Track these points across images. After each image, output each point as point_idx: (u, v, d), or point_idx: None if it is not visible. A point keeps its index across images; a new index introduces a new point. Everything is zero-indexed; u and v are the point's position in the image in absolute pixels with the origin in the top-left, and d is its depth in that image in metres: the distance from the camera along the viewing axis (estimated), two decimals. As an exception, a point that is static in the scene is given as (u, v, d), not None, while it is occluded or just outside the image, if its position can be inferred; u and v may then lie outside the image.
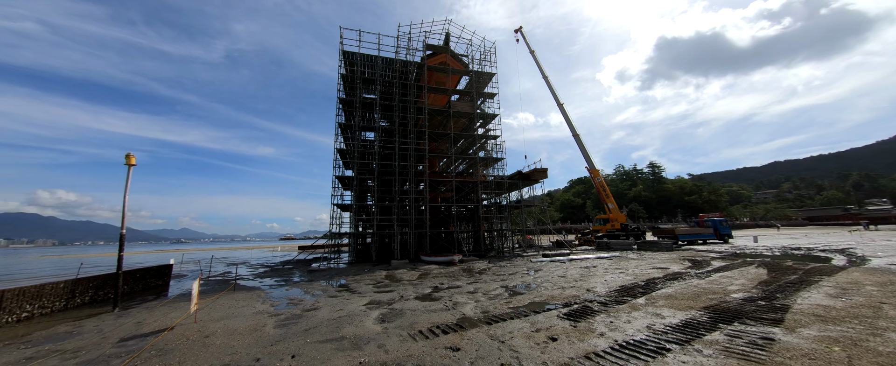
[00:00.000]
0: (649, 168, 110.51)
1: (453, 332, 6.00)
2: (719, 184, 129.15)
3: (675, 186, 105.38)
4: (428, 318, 7.11)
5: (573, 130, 35.49)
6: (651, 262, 16.62)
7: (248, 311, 8.46)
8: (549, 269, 15.10)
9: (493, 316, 7.05)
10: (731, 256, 18.73)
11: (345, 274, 16.13)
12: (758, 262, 15.21)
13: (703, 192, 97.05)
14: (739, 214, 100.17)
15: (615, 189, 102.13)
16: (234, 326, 6.96)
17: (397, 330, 6.25)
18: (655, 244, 24.08)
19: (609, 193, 32.91)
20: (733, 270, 13.03)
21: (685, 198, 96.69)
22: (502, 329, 6.07)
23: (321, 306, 8.85)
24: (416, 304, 8.61)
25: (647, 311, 7.06)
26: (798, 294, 8.29)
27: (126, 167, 10.26)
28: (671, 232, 31.61)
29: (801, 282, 9.97)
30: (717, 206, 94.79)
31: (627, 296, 8.67)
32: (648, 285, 10.30)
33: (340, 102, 25.18)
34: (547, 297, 8.92)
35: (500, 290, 10.22)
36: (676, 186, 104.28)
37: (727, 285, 9.72)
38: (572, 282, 11.26)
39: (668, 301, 7.90)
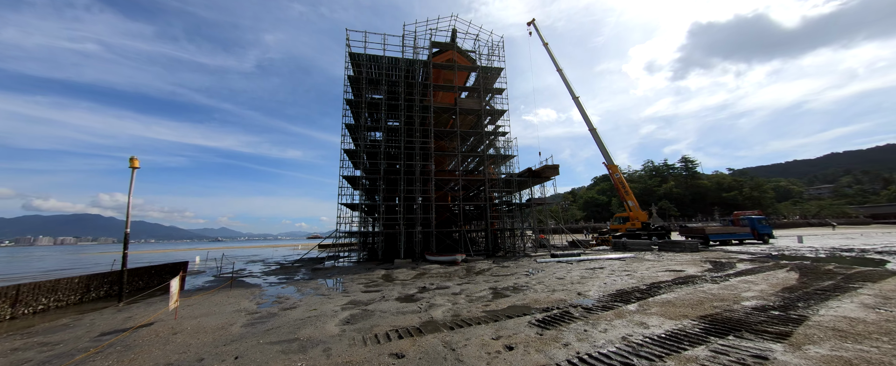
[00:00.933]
0: (681, 163, 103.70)
1: (409, 337, 5.69)
2: (764, 179, 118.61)
3: (712, 181, 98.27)
4: (393, 320, 6.85)
5: (590, 125, 33.84)
6: (667, 264, 15.34)
7: (230, 309, 8.63)
8: (552, 270, 14.35)
9: (461, 320, 6.66)
10: (764, 258, 16.93)
11: (346, 273, 16.26)
12: (792, 265, 13.58)
13: (743, 188, 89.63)
14: (787, 211, 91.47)
15: (643, 186, 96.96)
16: (206, 323, 7.08)
17: (354, 333, 6.03)
18: (679, 245, 22.34)
19: (628, 190, 31.05)
20: (758, 274, 11.67)
21: (723, 195, 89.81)
22: (462, 335, 5.67)
23: (301, 305, 8.85)
24: (393, 305, 8.37)
25: (633, 319, 6.36)
26: (825, 303, 7.17)
27: (130, 170, 10.87)
28: (701, 231, 29.31)
29: (836, 289, 8.68)
30: (761, 203, 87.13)
31: (619, 302, 7.92)
32: (650, 289, 9.41)
33: (347, 103, 25.55)
34: (531, 301, 8.36)
35: (485, 292, 9.76)
36: (713, 182, 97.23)
37: (742, 292, 8.65)
38: (568, 285, 10.55)
39: (662, 308, 7.11)
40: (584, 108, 34.50)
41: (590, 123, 33.92)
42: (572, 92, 35.17)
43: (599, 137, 33.35)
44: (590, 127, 33.92)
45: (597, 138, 33.46)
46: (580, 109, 34.61)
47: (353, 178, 24.72)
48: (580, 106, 34.61)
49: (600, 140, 33.32)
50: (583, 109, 34.52)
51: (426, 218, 24.26)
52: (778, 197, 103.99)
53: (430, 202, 24.68)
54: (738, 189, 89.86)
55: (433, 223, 24.02)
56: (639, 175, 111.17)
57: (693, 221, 78.41)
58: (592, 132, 33.69)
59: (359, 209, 25.80)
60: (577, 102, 34.76)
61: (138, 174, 11.15)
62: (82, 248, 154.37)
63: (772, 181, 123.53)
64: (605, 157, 32.73)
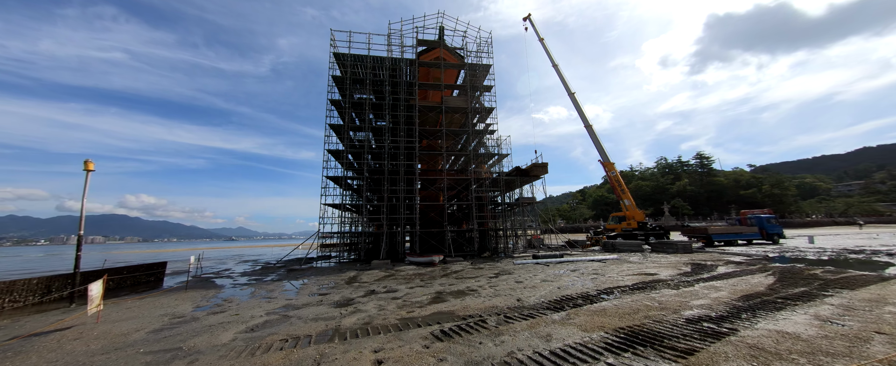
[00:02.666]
0: (696, 160, 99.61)
1: (291, 348, 5.40)
2: (787, 175, 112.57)
3: (729, 179, 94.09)
4: (300, 329, 6.58)
5: (585, 121, 32.82)
6: (646, 266, 14.52)
7: (160, 312, 8.59)
8: (521, 272, 13.80)
9: (367, 329, 6.32)
10: (757, 260, 15.83)
11: (320, 274, 16.19)
12: (778, 269, 12.57)
13: (762, 185, 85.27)
14: (812, 209, 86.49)
15: (655, 184, 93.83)
16: (115, 329, 7.02)
17: (243, 343, 5.79)
18: (672, 245, 21.25)
19: (625, 189, 29.88)
20: (732, 278, 10.81)
21: (740, 192, 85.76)
22: (347, 346, 5.34)
23: (232, 309, 8.73)
24: (319, 311, 8.12)
25: (542, 331, 5.86)
26: (775, 314, 6.45)
27: (85, 172, 11.07)
28: (703, 231, 27.95)
29: (803, 297, 7.86)
30: (782, 201, 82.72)
31: (550, 310, 7.39)
32: (599, 295, 8.79)
33: (332, 104, 25.55)
34: (461, 307, 7.94)
35: (427, 297, 9.38)
36: (730, 180, 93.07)
37: (694, 299, 7.95)
38: (519, 290, 10.04)
39: (588, 317, 6.55)
40: (581, 104, 33.49)
41: (585, 119, 32.91)
42: (568, 88, 34.21)
43: (595, 134, 32.29)
44: (585, 124, 32.90)
45: (592, 135, 32.41)
46: (576, 105, 33.62)
47: (338, 178, 24.71)
48: (576, 102, 33.62)
49: (596, 137, 32.25)
50: (578, 105, 33.52)
51: (410, 218, 24.00)
52: (803, 194, 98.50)
53: (413, 202, 24.41)
54: (756, 186, 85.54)
55: (417, 224, 23.74)
56: (651, 173, 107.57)
57: (708, 220, 75.22)
58: (588, 129, 32.66)
59: (342, 209, 25.79)
60: (573, 99, 33.77)
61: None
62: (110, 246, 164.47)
63: (797, 178, 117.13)
64: (601, 154, 31.64)
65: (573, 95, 33.66)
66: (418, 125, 26.25)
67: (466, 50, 28.83)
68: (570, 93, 33.84)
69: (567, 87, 34.19)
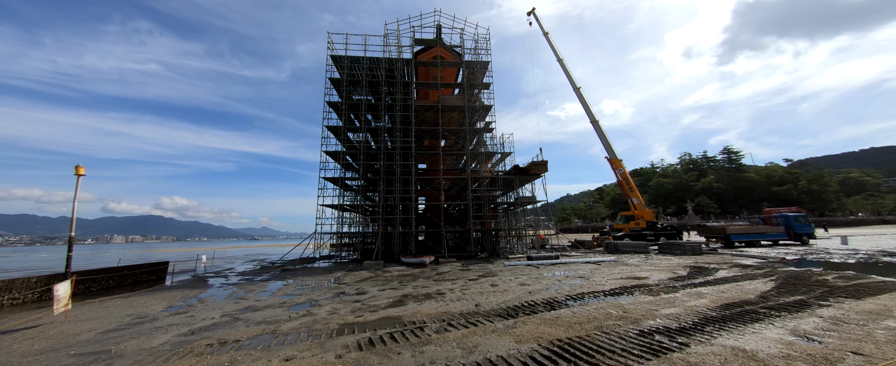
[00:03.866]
0: (724, 155, 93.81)
1: (206, 355, 5.32)
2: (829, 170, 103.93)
3: (761, 174, 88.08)
4: (233, 333, 6.53)
5: (591, 117, 31.58)
6: (641, 269, 13.63)
7: (128, 312, 8.85)
8: (505, 275, 13.31)
9: (291, 336, 6.17)
10: (774, 263, 14.55)
11: (310, 274, 16.37)
12: (784, 273, 11.42)
13: (799, 180, 79.06)
14: (858, 206, 79.38)
15: (678, 181, 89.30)
16: (73, 329, 7.25)
17: (168, 347, 5.79)
18: (679, 247, 19.96)
19: (634, 187, 28.44)
20: (728, 283, 9.89)
21: (773, 189, 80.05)
22: (259, 354, 5.20)
23: (192, 310, 8.87)
24: (271, 313, 8.08)
25: (473, 341, 5.47)
26: (748, 327, 5.74)
27: (75, 177, 11.67)
28: (721, 231, 26.22)
29: (794, 306, 7.01)
30: (822, 197, 76.40)
31: (501, 316, 6.96)
32: (566, 300, 8.23)
33: (330, 105, 25.85)
34: (412, 313, 7.65)
35: (387, 301, 9.15)
36: (762, 175, 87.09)
37: (667, 308, 7.27)
38: (489, 293, 9.61)
39: (534, 327, 6.08)
40: (586, 99, 32.25)
41: (592, 115, 31.66)
42: (573, 83, 33.06)
43: (602, 130, 30.99)
44: (592, 119, 31.66)
45: (599, 131, 31.12)
46: (582, 100, 32.43)
47: (335, 179, 24.97)
48: (582, 98, 32.42)
49: (603, 133, 30.95)
50: (584, 100, 32.31)
51: (406, 218, 23.90)
52: (847, 190, 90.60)
53: (410, 203, 24.29)
54: (792, 182, 79.43)
55: (413, 224, 23.61)
56: (673, 169, 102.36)
57: (736, 219, 70.64)
58: (594, 125, 31.41)
59: (340, 209, 26.04)
60: (579, 94, 32.59)
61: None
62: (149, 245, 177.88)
63: (840, 172, 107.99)
64: (608, 151, 30.33)
65: (578, 90, 32.47)
66: (418, 125, 26.13)
67: (464, 48, 28.40)
68: (576, 88, 32.67)
69: (572, 82, 33.05)
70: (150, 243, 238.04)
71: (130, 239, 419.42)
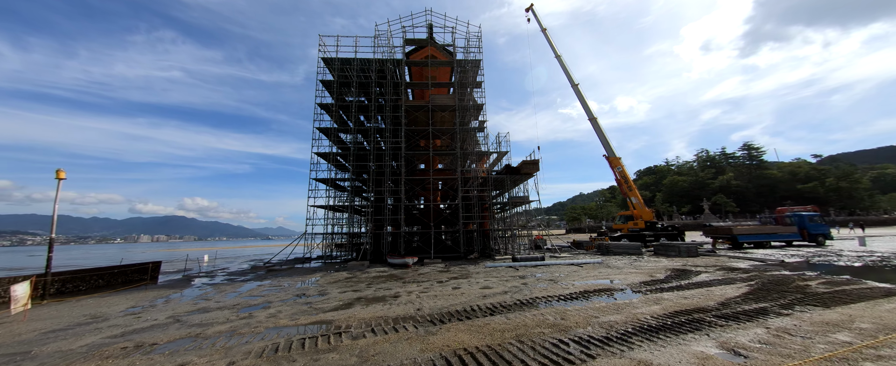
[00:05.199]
0: (744, 151, 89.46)
1: (111, 358, 5.37)
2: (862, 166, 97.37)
3: (784, 171, 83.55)
4: (157, 336, 6.58)
5: (589, 114, 30.69)
6: (625, 271, 13.07)
7: (87, 312, 9.12)
8: (476, 277, 13.03)
9: (209, 341, 6.17)
10: (770, 265, 13.65)
11: (289, 275, 16.58)
12: (765, 278, 10.67)
13: (826, 177, 74.46)
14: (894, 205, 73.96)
15: (694, 179, 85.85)
16: (22, 328, 7.51)
17: (86, 349, 5.88)
18: (674, 248, 19.08)
19: (632, 186, 27.43)
20: (697, 288, 9.30)
21: (798, 186, 75.74)
22: (158, 359, 5.20)
23: (147, 312, 9.05)
24: (211, 316, 8.14)
25: (380, 348, 5.29)
26: (678, 338, 5.32)
27: (57, 181, 12.18)
28: (728, 232, 24.99)
29: (749, 315, 6.48)
30: (852, 195, 71.71)
31: (432, 322, 6.74)
32: (513, 305, 7.91)
33: (322, 107, 26.13)
34: (347, 317, 7.52)
35: (338, 303, 9.07)
36: (785, 172, 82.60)
37: (611, 315, 6.86)
38: (444, 297, 9.40)
39: (454, 334, 5.83)
40: (585, 96, 31.37)
41: (590, 112, 30.77)
42: (571, 79, 32.26)
43: (600, 128, 30.07)
44: (590, 116, 30.76)
45: (597, 128, 30.20)
46: (580, 97, 31.58)
47: (325, 180, 25.21)
48: (580, 94, 31.57)
49: (601, 131, 30.02)
50: (582, 97, 31.45)
51: (395, 219, 23.88)
52: (882, 187, 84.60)
53: (399, 203, 24.26)
54: (818, 179, 74.89)
55: (402, 224, 23.57)
56: (689, 167, 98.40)
57: (758, 217, 67.17)
58: (592, 122, 30.51)
59: (332, 210, 26.28)
60: (577, 90, 31.76)
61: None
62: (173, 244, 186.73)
63: (875, 168, 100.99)
64: (606, 149, 29.37)
65: (576, 86, 31.64)
66: (413, 125, 26.06)
67: (456, 47, 28.13)
68: (574, 84, 31.85)
69: (570, 78, 32.23)
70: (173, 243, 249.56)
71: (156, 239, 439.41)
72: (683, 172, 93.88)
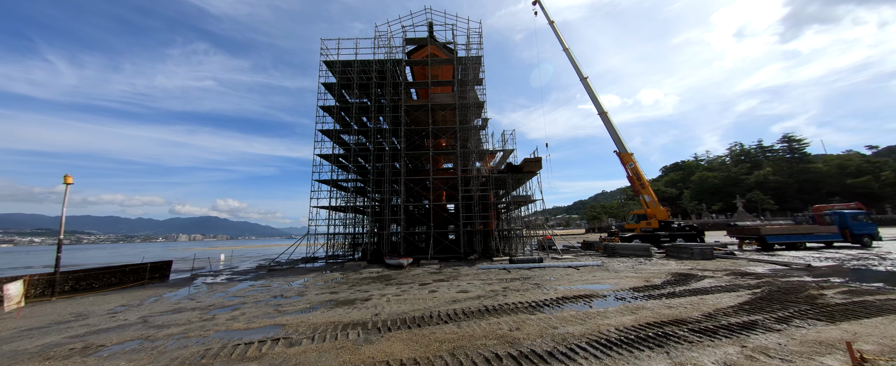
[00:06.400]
0: (783, 143, 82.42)
1: (57, 359, 5.48)
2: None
3: (831, 164, 76.24)
4: (113, 338, 6.72)
5: (599, 108, 29.26)
6: (621, 275, 12.19)
7: (79, 310, 9.59)
8: (468, 279, 12.60)
9: (155, 343, 6.19)
10: (793, 270, 12.29)
11: (286, 274, 16.89)
12: (776, 286, 9.51)
13: (882, 171, 67.05)
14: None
15: (725, 175, 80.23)
16: (7, 325, 7.97)
17: (40, 348, 6.07)
18: (687, 250, 17.68)
19: (646, 184, 25.81)
20: (694, 296, 8.41)
21: (848, 181, 68.75)
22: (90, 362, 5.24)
23: (128, 310, 9.39)
24: (174, 317, 8.27)
25: (299, 360, 5.06)
26: (634, 355, 4.71)
27: (65, 185, 13.01)
28: (755, 232, 23.04)
29: (731, 329, 5.69)
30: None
31: (380, 330, 6.44)
32: (478, 312, 7.46)
33: (324, 110, 26.53)
34: (300, 322, 7.38)
35: (306, 305, 8.99)
36: (832, 166, 75.37)
37: (574, 326, 6.27)
38: (413, 300, 9.09)
39: (391, 344, 5.50)
40: (594, 89, 29.94)
41: (600, 106, 29.34)
42: (580, 73, 30.91)
43: (611, 123, 28.58)
44: (599, 111, 29.34)
45: (608, 123, 28.73)
46: (589, 91, 30.19)
47: (327, 181, 25.56)
48: (589, 88, 30.18)
49: (612, 125, 28.54)
50: (592, 91, 30.04)
51: (394, 219, 23.83)
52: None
53: (402, 204, 24.18)
54: (872, 173, 67.60)
55: (402, 224, 23.47)
56: (721, 161, 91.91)
57: (792, 216, 61.68)
58: (602, 116, 29.06)
59: (335, 210, 26.61)
60: (586, 84, 30.38)
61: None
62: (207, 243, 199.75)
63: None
64: (617, 144, 27.86)
65: (585, 79, 30.26)
66: (416, 125, 25.95)
67: (456, 44, 27.66)
68: (582, 78, 30.48)
69: (579, 72, 30.88)
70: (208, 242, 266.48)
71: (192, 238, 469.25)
72: (714, 167, 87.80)
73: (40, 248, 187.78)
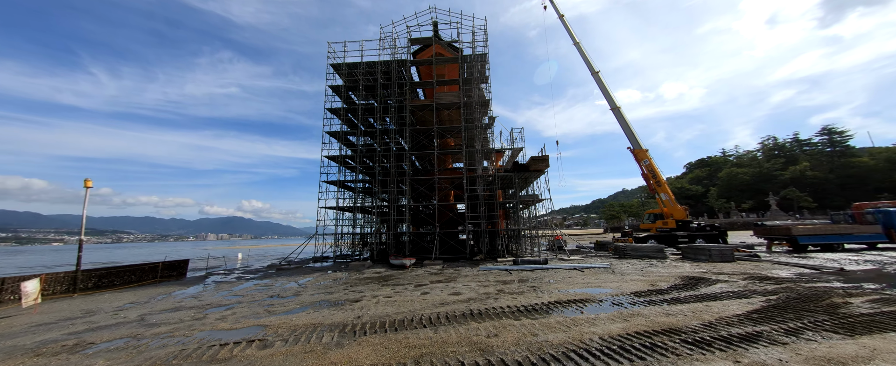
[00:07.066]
0: (822, 136, 76.45)
1: (44, 356, 5.72)
2: None
3: (879, 158, 70.03)
4: (103, 336, 6.97)
5: (612, 103, 28.15)
6: (627, 278, 11.58)
7: (91, 307, 10.10)
8: (465, 281, 12.38)
9: (141, 342, 6.35)
10: (828, 274, 11.33)
11: (292, 274, 17.24)
12: (797, 293, 8.68)
13: (938, 164, 60.84)
14: None
15: (757, 172, 75.44)
16: (19, 321, 8.47)
17: (34, 345, 6.37)
18: (704, 252, 16.62)
19: (662, 181, 24.54)
20: (698, 302, 7.82)
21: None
22: (72, 359, 5.42)
23: (128, 311, 9.79)
24: (165, 316, 8.52)
25: (267, 364, 5.01)
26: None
27: (85, 189, 13.81)
28: (785, 232, 21.49)
29: (726, 341, 5.19)
30: (978, 185, 57.74)
31: (356, 333, 6.33)
32: (460, 317, 7.22)
33: (331, 112, 26.94)
34: (281, 324, 7.40)
35: (294, 307, 9.05)
36: (881, 159, 69.18)
37: (555, 335, 5.92)
38: (401, 303, 8.96)
39: (362, 348, 5.36)
40: (606, 84, 28.80)
41: (612, 101, 28.23)
42: (592, 67, 29.88)
43: (624, 118, 27.42)
44: (612, 106, 28.22)
45: (621, 118, 27.58)
46: (601, 85, 29.10)
47: (334, 182, 25.91)
48: (600, 82, 29.10)
49: (626, 121, 27.37)
50: (604, 85, 28.94)
51: (399, 219, 23.85)
52: None
53: (410, 204, 24.18)
54: (927, 167, 61.46)
55: (408, 225, 23.47)
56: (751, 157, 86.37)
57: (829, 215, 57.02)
58: (615, 112, 27.94)
59: (340, 210, 26.94)
60: (597, 78, 29.31)
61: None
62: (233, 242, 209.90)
63: None
64: (631, 141, 26.67)
65: (597, 74, 29.19)
66: (421, 125, 25.90)
67: (461, 42, 27.36)
68: (594, 72, 29.43)
69: (590, 66, 29.85)
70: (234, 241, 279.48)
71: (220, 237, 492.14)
72: (744, 163, 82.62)
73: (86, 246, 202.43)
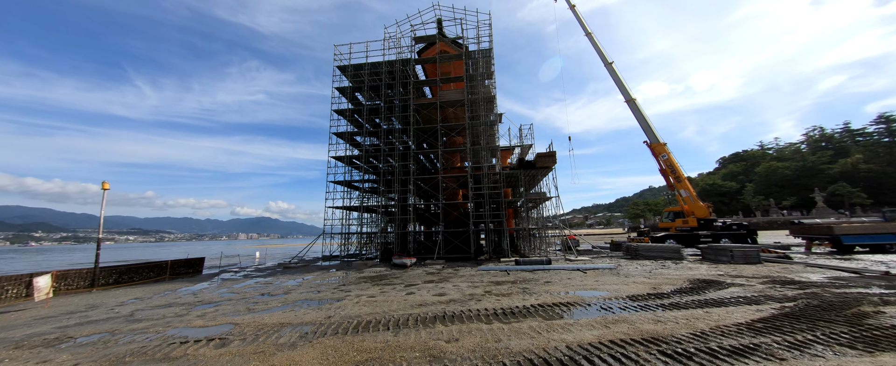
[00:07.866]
0: (879, 125, 68.94)
1: (24, 348, 5.96)
2: None
3: (948, 148, 62.21)
4: (87, 330, 7.22)
5: (627, 95, 26.70)
6: (631, 281, 10.79)
7: (97, 302, 10.67)
8: (456, 282, 12.03)
9: (118, 337, 6.51)
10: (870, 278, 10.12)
11: (296, 272, 17.59)
12: (821, 299, 7.64)
13: None
14: None
15: (800, 165, 69.28)
16: (27, 314, 9.03)
17: (23, 337, 6.69)
18: (726, 252, 15.26)
19: (682, 177, 22.88)
20: (702, 308, 7.06)
21: (973, 168, 55.49)
22: (48, 355, 5.60)
23: (131, 306, 10.22)
24: (166, 312, 8.76)
25: (218, 362, 4.92)
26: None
27: (102, 191, 14.71)
28: (826, 231, 19.54)
29: (714, 355, 4.51)
30: None
31: (328, 334, 6.16)
32: (427, 320, 6.88)
33: (338, 113, 27.33)
34: (251, 321, 7.37)
35: (277, 305, 9.07)
36: (950, 149, 61.39)
37: (521, 341, 5.46)
38: (383, 302, 8.76)
39: (313, 351, 5.17)
40: (620, 75, 27.35)
41: (627, 92, 26.77)
42: (604, 58, 28.55)
43: (640, 110, 25.93)
44: (627, 98, 26.77)
45: (636, 111, 26.11)
46: (614, 77, 27.73)
47: (340, 182, 26.24)
48: (614, 73, 27.72)
49: (642, 114, 25.88)
50: (618, 76, 27.56)
51: (404, 219, 23.76)
52: None
53: (417, 203, 24.09)
54: None
55: (413, 224, 23.36)
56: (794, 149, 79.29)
57: (882, 212, 51.21)
58: (630, 104, 26.48)
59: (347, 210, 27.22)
60: (611, 70, 27.94)
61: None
62: (263, 241, 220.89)
63: None
64: (648, 134, 25.15)
65: (610, 65, 27.82)
66: (425, 124, 25.74)
67: (466, 38, 26.90)
68: (607, 63, 28.07)
69: (603, 57, 28.48)
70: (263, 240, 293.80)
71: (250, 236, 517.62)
72: (785, 156, 76.01)
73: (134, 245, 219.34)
